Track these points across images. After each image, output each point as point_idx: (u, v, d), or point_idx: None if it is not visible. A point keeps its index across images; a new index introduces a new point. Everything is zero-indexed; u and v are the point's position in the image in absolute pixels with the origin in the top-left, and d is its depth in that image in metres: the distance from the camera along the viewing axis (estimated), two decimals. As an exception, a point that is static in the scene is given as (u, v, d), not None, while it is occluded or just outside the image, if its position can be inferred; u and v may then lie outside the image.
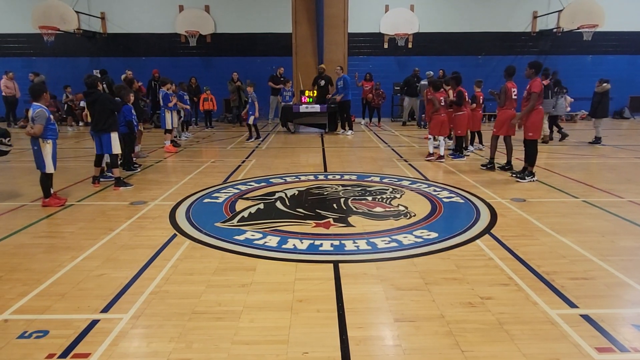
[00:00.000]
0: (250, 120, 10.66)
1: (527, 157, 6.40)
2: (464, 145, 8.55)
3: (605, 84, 10.12)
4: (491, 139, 7.28)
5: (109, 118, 5.93)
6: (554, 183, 6.16)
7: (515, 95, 6.98)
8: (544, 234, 4.14)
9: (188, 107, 9.95)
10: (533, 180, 6.26)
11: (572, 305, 2.81)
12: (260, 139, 10.82)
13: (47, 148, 5.01)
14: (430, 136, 8.06)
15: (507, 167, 7.07)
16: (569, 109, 11.72)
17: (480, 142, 9.35)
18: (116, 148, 6.03)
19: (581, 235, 4.07)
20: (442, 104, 7.86)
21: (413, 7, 15.61)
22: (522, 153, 6.66)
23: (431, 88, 8.35)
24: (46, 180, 5.12)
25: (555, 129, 10.78)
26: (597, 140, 9.96)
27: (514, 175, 6.52)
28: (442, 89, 8.17)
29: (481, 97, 8.69)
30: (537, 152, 6.36)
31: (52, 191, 5.23)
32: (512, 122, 6.38)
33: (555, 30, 15.60)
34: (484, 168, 7.22)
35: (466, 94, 8.10)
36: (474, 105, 8.42)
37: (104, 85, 10.60)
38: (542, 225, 4.35)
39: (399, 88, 15.59)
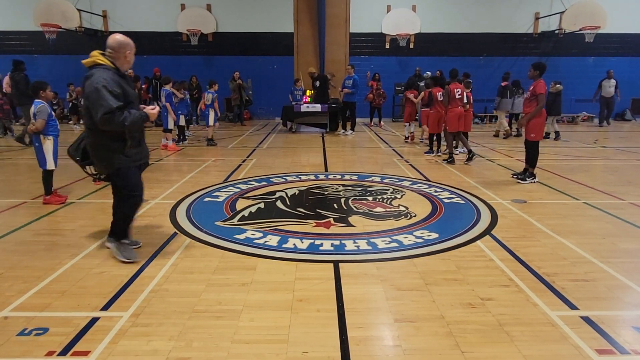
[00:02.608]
0: (181, 121, 10.03)
1: (528, 159, 6.39)
2: (454, 145, 8.82)
3: (558, 85, 10.95)
4: (445, 136, 8.16)
5: None
6: (554, 185, 6.15)
7: (459, 95, 7.70)
8: (545, 235, 4.13)
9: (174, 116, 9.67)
10: (534, 182, 6.25)
11: (572, 307, 2.81)
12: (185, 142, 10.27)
13: (48, 144, 5.02)
14: (405, 124, 10.65)
15: (450, 160, 7.85)
16: None
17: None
18: None
19: (582, 237, 4.06)
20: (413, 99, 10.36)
21: (415, 7, 15.60)
22: (523, 154, 6.64)
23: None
24: (48, 178, 5.12)
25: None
26: (557, 136, 11.11)
27: (514, 176, 6.52)
28: (415, 88, 10.78)
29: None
30: (538, 153, 6.36)
31: (53, 188, 5.23)
32: (519, 123, 6.43)
33: (557, 31, 15.59)
34: (445, 162, 7.84)
35: (438, 94, 8.41)
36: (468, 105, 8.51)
37: None
38: (542, 227, 4.35)
39: (399, 88, 15.60)
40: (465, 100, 8.09)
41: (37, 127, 4.89)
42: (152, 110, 3.41)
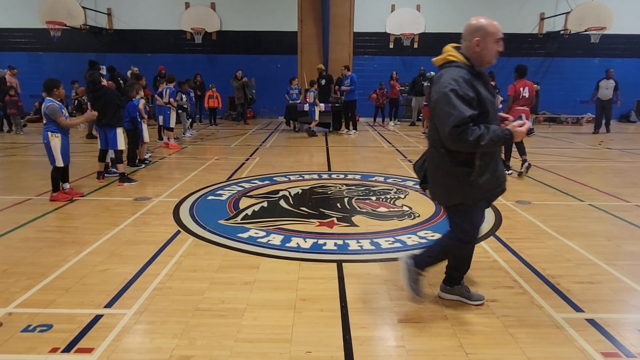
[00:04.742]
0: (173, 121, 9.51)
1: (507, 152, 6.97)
2: None
3: (535, 85, 11.33)
4: None
5: (116, 113, 5.99)
6: (559, 186, 6.12)
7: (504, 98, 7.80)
8: (550, 237, 4.11)
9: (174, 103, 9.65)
10: (522, 169, 6.71)
11: (577, 309, 2.79)
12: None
13: (55, 141, 5.06)
14: None
15: None
16: (500, 106, 12.72)
17: None
18: (121, 144, 6.07)
19: (587, 239, 4.04)
20: None
21: (419, 7, 15.56)
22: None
23: None
24: (56, 175, 5.15)
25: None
26: (531, 131, 11.88)
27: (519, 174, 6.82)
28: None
29: None
30: (509, 147, 6.87)
31: (68, 185, 5.28)
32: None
33: (562, 32, 15.52)
34: None
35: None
36: None
37: (120, 82, 10.76)
38: (547, 228, 4.32)
39: (403, 88, 15.57)
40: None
41: (68, 124, 5.11)
42: (521, 127, 2.38)
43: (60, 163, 5.11)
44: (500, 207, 5.00)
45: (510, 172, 6.69)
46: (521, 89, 6.71)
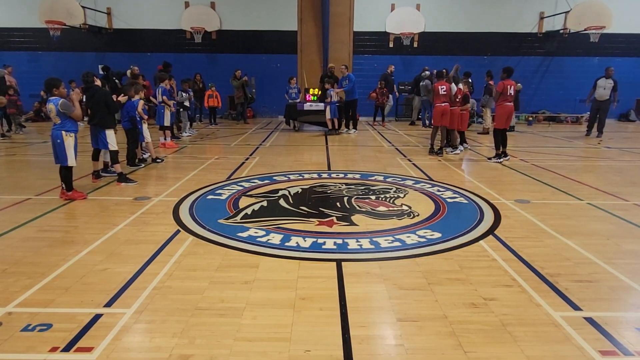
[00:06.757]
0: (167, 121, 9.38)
1: (495, 143, 7.81)
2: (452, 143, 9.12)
3: (518, 84, 10.95)
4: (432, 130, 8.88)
5: (106, 114, 5.98)
6: (558, 185, 6.13)
7: (444, 91, 8.30)
8: (548, 235, 4.12)
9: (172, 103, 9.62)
10: (500, 162, 7.59)
11: (575, 307, 2.80)
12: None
13: (70, 141, 5.12)
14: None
15: (438, 152, 8.57)
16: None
17: (464, 141, 9.18)
18: (112, 145, 6.05)
19: (586, 238, 4.05)
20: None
21: (419, 6, 15.54)
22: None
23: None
24: (68, 174, 5.20)
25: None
26: (511, 129, 11.92)
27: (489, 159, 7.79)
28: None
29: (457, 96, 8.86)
30: (501, 138, 7.68)
31: (63, 185, 5.28)
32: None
33: (562, 31, 15.51)
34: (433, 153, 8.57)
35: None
36: (468, 104, 8.77)
37: (116, 81, 10.76)
38: (546, 227, 4.33)
39: (403, 87, 15.55)
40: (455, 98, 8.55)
41: (77, 115, 5.15)
42: None
43: (73, 162, 5.16)
44: (499, 206, 5.01)
45: (501, 160, 7.70)
46: (508, 87, 7.51)
